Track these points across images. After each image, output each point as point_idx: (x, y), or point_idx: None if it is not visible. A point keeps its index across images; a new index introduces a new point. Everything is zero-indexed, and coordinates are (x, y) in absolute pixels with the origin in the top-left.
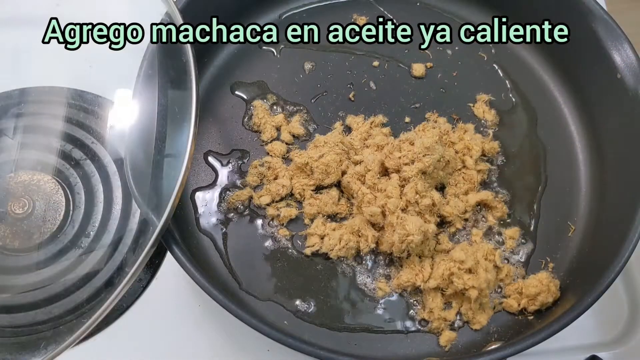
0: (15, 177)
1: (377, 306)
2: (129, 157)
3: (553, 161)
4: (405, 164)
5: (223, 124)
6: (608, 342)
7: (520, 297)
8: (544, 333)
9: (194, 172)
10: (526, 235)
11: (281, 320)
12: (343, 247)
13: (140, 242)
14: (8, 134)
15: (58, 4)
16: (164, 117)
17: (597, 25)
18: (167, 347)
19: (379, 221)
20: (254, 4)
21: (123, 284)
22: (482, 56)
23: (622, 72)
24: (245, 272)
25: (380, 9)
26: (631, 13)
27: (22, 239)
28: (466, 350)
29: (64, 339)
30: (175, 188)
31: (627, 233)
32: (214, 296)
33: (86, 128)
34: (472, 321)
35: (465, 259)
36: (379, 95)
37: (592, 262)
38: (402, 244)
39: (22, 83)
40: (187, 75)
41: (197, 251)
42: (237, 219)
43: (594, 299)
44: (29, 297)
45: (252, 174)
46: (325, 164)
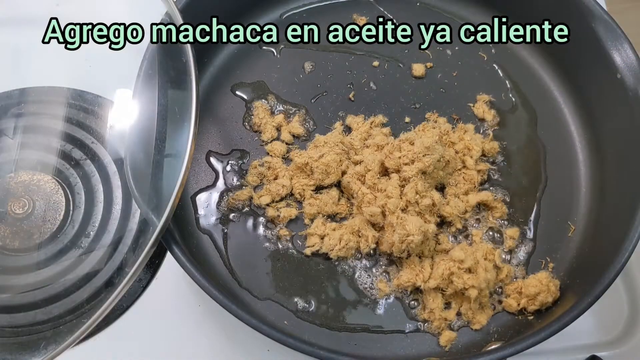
0: (15, 177)
1: (377, 306)
2: (129, 157)
3: (553, 161)
4: (405, 164)
5: (223, 124)
6: (608, 342)
7: (520, 297)
8: (544, 333)
9: (194, 172)
10: (526, 235)
11: (281, 320)
12: (343, 247)
13: (140, 242)
14: (8, 134)
15: (58, 4)
16: (164, 117)
17: (597, 25)
18: (167, 347)
19: (379, 221)
20: (254, 4)
21: (123, 284)
22: (482, 56)
23: (622, 72)
24: (245, 272)
25: (380, 9)
26: (631, 13)
27: (22, 239)
28: (466, 350)
29: (64, 339)
30: (175, 188)
31: (627, 233)
32: (214, 296)
33: (86, 128)
34: (472, 321)
35: (464, 258)
36: (379, 95)
37: (592, 262)
38: (402, 244)
39: (22, 83)
40: (187, 75)
41: (197, 251)
42: (237, 219)
43: (594, 299)
44: (29, 297)
45: (252, 174)
46: (325, 164)
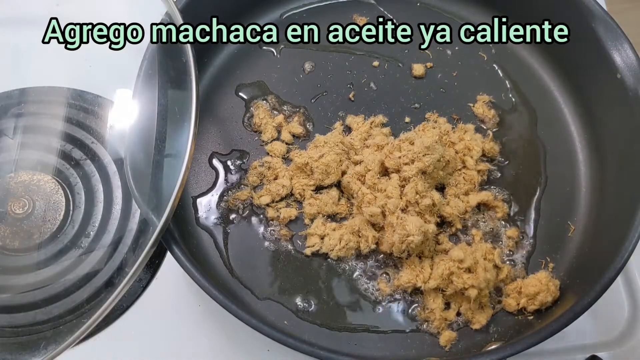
0: (15, 177)
1: (377, 306)
2: (129, 157)
3: (553, 161)
4: (405, 164)
5: (223, 124)
6: (608, 342)
7: (520, 297)
8: (544, 333)
9: (194, 172)
10: (526, 235)
11: (281, 320)
12: (343, 247)
13: (140, 242)
14: (8, 134)
15: (58, 4)
16: (164, 117)
17: (597, 25)
18: (167, 347)
19: (378, 221)
20: (254, 4)
21: (123, 284)
22: (482, 56)
23: (622, 72)
24: (245, 272)
25: (380, 9)
26: (631, 13)
27: (22, 239)
28: (466, 350)
29: (64, 339)
30: (175, 188)
31: (627, 233)
32: (214, 296)
33: (86, 128)
34: (472, 321)
35: (464, 257)
36: (378, 95)
37: (592, 262)
38: (402, 245)
39: (22, 83)
40: (187, 75)
41: (197, 251)
42: (237, 219)
43: (594, 299)
44: (29, 297)
45: (252, 174)
46: (325, 164)
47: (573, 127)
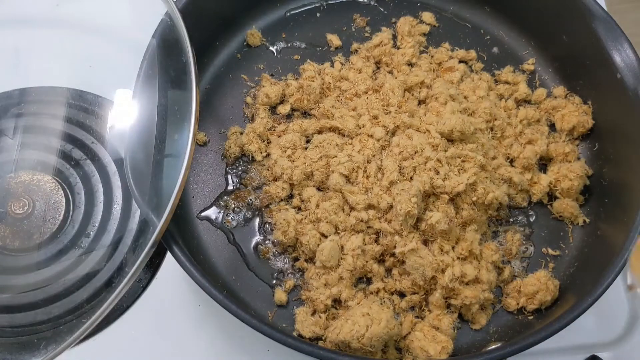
0: (15, 177)
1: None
2: (129, 157)
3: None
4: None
5: (223, 124)
6: (608, 342)
7: (519, 296)
8: (544, 333)
9: (194, 172)
10: (526, 235)
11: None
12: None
13: (140, 242)
14: (8, 134)
15: (58, 4)
16: (164, 117)
17: (597, 25)
18: (167, 347)
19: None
20: (254, 4)
21: (123, 284)
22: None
23: (622, 72)
24: (245, 272)
25: (381, 9)
26: (631, 13)
27: (22, 239)
28: (466, 350)
29: (64, 339)
30: (175, 188)
31: (627, 233)
32: (214, 296)
33: (86, 128)
34: (472, 321)
35: (469, 272)
36: None
37: (592, 262)
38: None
39: (22, 83)
40: (187, 75)
41: (197, 251)
42: (237, 220)
43: (594, 299)
44: (29, 297)
45: (253, 175)
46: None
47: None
